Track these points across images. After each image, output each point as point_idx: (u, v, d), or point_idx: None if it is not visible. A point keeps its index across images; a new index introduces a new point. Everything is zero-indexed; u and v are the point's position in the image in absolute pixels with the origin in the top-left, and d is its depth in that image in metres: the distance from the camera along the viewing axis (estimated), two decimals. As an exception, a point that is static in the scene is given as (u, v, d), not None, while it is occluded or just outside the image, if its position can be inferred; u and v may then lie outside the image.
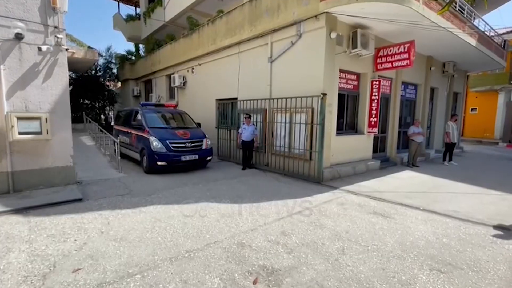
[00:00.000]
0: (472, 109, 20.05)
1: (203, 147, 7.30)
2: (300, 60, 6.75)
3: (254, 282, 2.54)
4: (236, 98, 8.81)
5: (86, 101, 17.17)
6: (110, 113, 23.58)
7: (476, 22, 9.39)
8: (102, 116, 18.70)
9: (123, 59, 17.98)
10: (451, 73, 10.64)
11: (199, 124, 8.41)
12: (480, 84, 19.13)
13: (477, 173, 7.82)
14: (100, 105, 18.11)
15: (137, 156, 7.54)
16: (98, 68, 18.38)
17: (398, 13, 5.82)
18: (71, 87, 15.72)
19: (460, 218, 4.25)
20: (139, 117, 7.64)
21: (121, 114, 9.47)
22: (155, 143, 6.64)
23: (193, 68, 11.19)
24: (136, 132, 7.54)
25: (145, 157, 6.94)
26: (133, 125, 7.75)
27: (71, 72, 16.46)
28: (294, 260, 2.93)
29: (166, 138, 6.77)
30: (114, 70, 18.98)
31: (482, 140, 17.82)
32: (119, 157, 7.16)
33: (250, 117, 7.64)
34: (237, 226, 3.76)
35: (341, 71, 6.98)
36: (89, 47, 12.04)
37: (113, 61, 18.65)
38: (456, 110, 12.79)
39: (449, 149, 9.09)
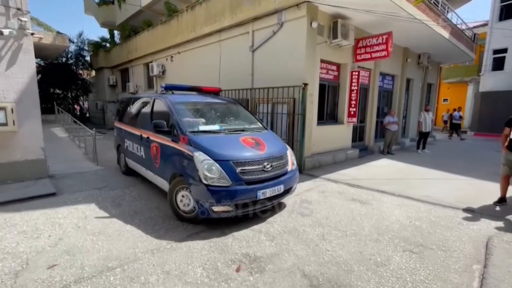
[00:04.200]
0: (444, 100, 21.12)
1: (289, 168, 3.94)
2: (282, 49, 6.72)
3: (237, 270, 2.57)
4: (218, 88, 8.66)
5: (57, 91, 16.24)
6: (85, 103, 22.47)
7: (449, 16, 9.76)
8: (77, 107, 17.79)
9: (97, 46, 17.04)
10: (426, 64, 11.06)
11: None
12: (451, 75, 20.12)
13: (447, 160, 8.29)
14: (73, 95, 17.19)
15: (163, 183, 4.11)
16: (69, 56, 17.38)
17: (376, 4, 5.91)
18: (40, 75, 14.77)
19: (431, 202, 4.51)
20: (161, 110, 4.26)
21: (126, 105, 5.86)
22: (207, 166, 3.28)
23: (172, 57, 10.83)
24: (160, 140, 4.04)
25: (187, 194, 3.50)
26: (156, 126, 3.84)
27: (39, 59, 15.41)
28: (276, 247, 2.99)
29: (228, 155, 3.42)
30: (87, 58, 18.00)
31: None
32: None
33: None
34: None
35: (322, 61, 7.04)
36: (58, 32, 11.26)
37: (86, 48, 17.66)
38: (430, 100, 13.39)
39: (422, 137, 9.55)
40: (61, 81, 15.57)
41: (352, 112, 7.83)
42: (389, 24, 7.01)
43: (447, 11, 9.56)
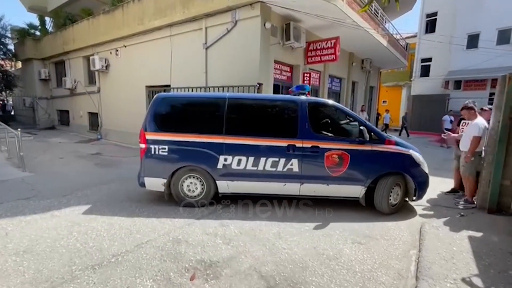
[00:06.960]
0: (383, 101, 23.48)
1: None
2: (236, 48, 6.65)
3: (191, 279, 2.42)
4: (169, 86, 8.21)
5: (-30, 84, 13.69)
6: (9, 99, 19.46)
7: (387, 26, 10.85)
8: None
9: (23, 34, 14.76)
10: (368, 69, 12.14)
11: None
12: (389, 80, 22.51)
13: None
14: (-8, 89, 14.69)
15: (346, 191, 4.14)
16: (-15, 43, 14.75)
17: (325, 9, 6.23)
18: None
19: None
20: (329, 116, 4.49)
21: (205, 109, 4.30)
22: (423, 160, 4.17)
23: (117, 50, 9.93)
24: (347, 147, 4.03)
25: (397, 190, 4.09)
26: (364, 133, 3.92)
27: None
28: (232, 250, 2.91)
29: (417, 149, 4.35)
30: (11, 47, 15.47)
31: (390, 127, 21.06)
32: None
33: None
34: (172, 222, 3.54)
35: (275, 62, 7.17)
36: (-31, 14, 9.42)
37: (9, 35, 15.18)
38: (372, 101, 14.74)
39: None
40: (-24, 73, 13.15)
41: (304, 112, 8.14)
42: (337, 29, 7.47)
43: (385, 22, 10.61)
